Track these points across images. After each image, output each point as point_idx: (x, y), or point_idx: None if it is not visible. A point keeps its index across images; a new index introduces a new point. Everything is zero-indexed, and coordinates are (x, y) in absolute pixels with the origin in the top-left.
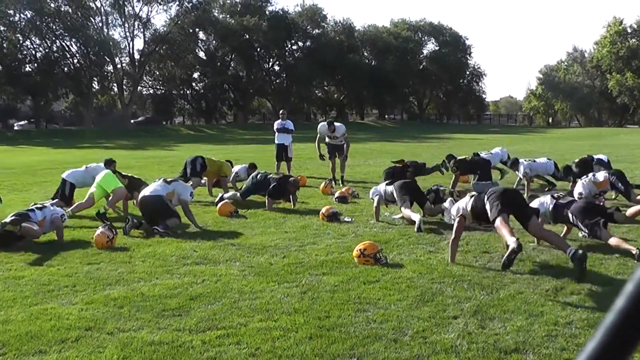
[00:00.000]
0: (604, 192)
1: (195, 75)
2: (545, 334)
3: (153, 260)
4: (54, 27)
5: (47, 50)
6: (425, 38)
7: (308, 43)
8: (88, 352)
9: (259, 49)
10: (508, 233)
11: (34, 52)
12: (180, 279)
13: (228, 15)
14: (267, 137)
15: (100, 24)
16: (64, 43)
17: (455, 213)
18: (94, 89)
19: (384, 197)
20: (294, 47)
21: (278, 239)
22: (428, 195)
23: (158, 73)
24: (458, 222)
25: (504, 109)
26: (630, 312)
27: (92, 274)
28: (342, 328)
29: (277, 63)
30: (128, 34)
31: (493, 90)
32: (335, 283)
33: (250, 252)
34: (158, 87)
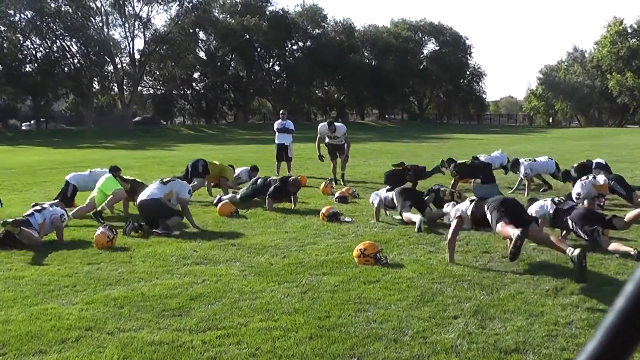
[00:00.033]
0: (603, 195)
1: (196, 75)
2: (545, 334)
3: (153, 260)
4: (54, 27)
5: (47, 50)
6: (426, 38)
7: (308, 43)
8: (88, 352)
9: (259, 49)
10: (510, 229)
11: (34, 52)
12: (181, 279)
13: (228, 15)
14: (267, 137)
15: (101, 24)
16: (64, 43)
17: (454, 215)
18: (94, 89)
19: (384, 202)
20: (294, 47)
21: (278, 239)
22: (428, 195)
23: (158, 73)
24: (456, 223)
25: (504, 109)
26: (630, 312)
27: (92, 274)
28: (342, 328)
29: (277, 63)
30: (128, 34)
31: (493, 90)
32: (336, 283)
33: (251, 252)
34: (158, 87)
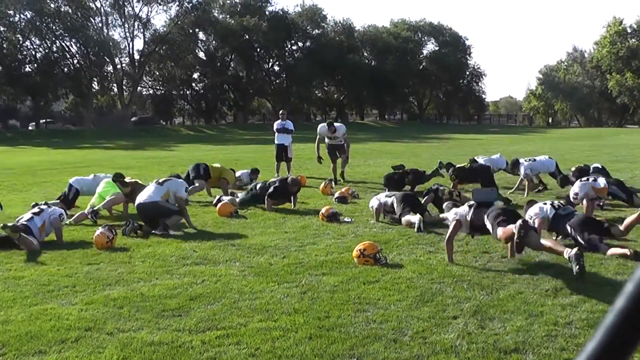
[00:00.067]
0: (601, 198)
1: (195, 76)
2: (545, 334)
3: (153, 261)
4: (54, 27)
5: (47, 51)
6: (425, 38)
7: (308, 43)
8: (88, 352)
9: (259, 49)
10: (511, 226)
11: (34, 52)
12: (180, 279)
13: (228, 16)
14: (267, 137)
15: (100, 25)
16: (64, 43)
17: (452, 217)
18: (94, 90)
19: (383, 207)
20: (294, 47)
21: (278, 239)
22: (427, 196)
23: (158, 73)
24: (454, 225)
25: (504, 109)
26: (630, 312)
27: (92, 274)
28: (342, 328)
29: (277, 63)
30: (128, 34)
31: (493, 91)
32: (335, 283)
33: (250, 252)
34: (158, 87)
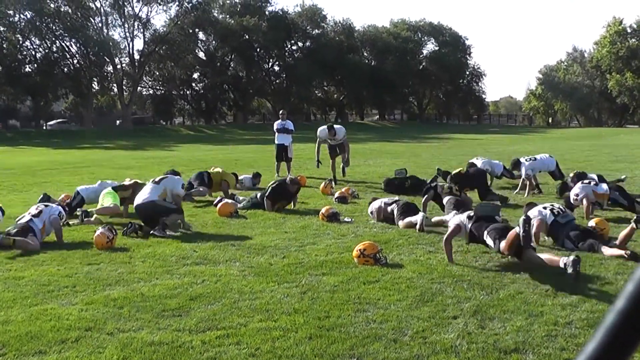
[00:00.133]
0: (600, 203)
1: (195, 76)
2: (545, 334)
3: (153, 261)
4: (54, 27)
5: (47, 51)
6: (425, 38)
7: (308, 43)
8: (88, 352)
9: (259, 49)
10: (511, 232)
11: (34, 52)
12: (180, 279)
13: (228, 16)
14: (267, 137)
15: (100, 24)
16: (64, 43)
17: (453, 223)
18: (94, 90)
19: (382, 213)
20: (294, 47)
21: (278, 239)
22: (427, 194)
23: (158, 73)
24: (453, 229)
25: (504, 109)
26: (630, 312)
27: (92, 275)
28: (342, 328)
29: (277, 63)
30: (128, 34)
31: (493, 90)
32: (335, 283)
33: (250, 252)
34: (158, 87)
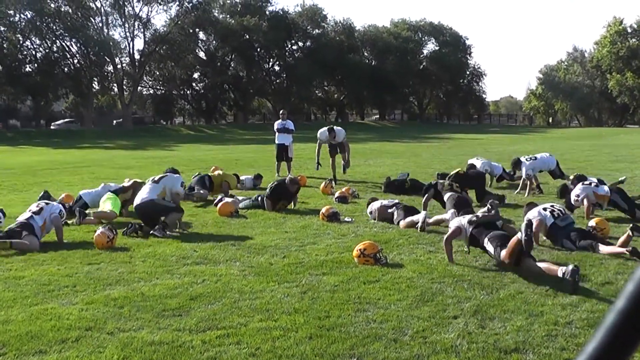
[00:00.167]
0: (600, 205)
1: (196, 76)
2: (545, 334)
3: (153, 261)
4: (54, 27)
5: (47, 51)
6: (425, 38)
7: (308, 43)
8: (88, 352)
9: (259, 49)
10: (512, 239)
11: (34, 52)
12: (180, 279)
13: (228, 16)
14: (267, 137)
15: (100, 24)
16: (64, 43)
17: (453, 224)
18: (94, 89)
19: (382, 214)
20: (294, 47)
21: (278, 239)
22: (427, 192)
23: (158, 73)
24: (453, 230)
25: (504, 109)
26: (630, 312)
27: (92, 274)
28: (342, 328)
29: (277, 63)
30: (128, 34)
31: (493, 90)
32: (335, 283)
33: (250, 252)
34: (158, 87)
